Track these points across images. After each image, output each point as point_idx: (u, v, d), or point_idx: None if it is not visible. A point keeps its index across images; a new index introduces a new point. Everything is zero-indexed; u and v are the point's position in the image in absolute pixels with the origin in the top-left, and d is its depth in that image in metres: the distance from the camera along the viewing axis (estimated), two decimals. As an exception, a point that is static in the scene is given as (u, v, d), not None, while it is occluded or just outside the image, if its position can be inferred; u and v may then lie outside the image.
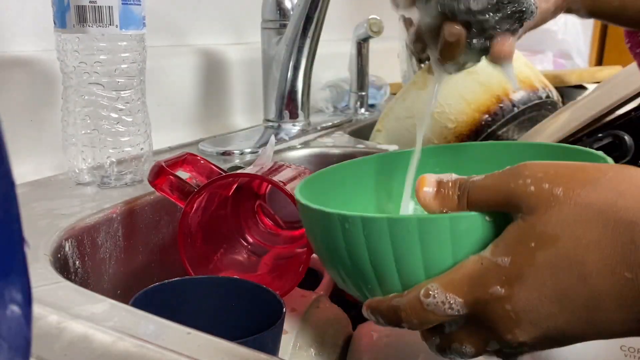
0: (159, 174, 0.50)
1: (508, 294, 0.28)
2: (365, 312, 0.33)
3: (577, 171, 0.28)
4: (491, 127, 0.77)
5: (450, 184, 0.31)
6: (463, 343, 0.31)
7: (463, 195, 0.30)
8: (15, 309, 0.17)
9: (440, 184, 0.31)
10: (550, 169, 0.28)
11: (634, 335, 0.28)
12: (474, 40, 0.42)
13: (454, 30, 0.42)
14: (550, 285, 0.27)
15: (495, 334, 0.30)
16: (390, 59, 1.14)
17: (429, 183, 0.31)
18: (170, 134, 0.77)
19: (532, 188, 0.28)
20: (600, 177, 0.27)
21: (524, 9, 0.41)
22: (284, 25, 0.80)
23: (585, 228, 0.26)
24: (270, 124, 0.84)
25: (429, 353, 0.47)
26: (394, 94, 1.00)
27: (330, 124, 0.92)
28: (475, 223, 0.29)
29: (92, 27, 0.52)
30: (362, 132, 0.95)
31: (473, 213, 0.29)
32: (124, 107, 0.56)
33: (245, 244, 0.58)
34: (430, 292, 0.29)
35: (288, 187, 0.48)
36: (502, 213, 0.29)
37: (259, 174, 0.50)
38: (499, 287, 0.28)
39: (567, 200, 0.27)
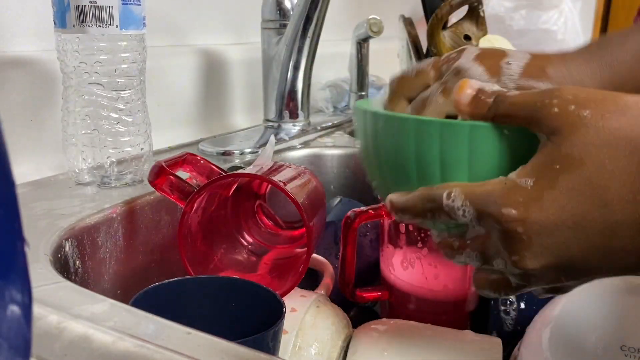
0: (159, 174, 0.50)
1: (522, 216, 0.27)
2: (389, 203, 0.33)
3: (608, 96, 0.28)
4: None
5: (488, 93, 0.31)
6: (473, 249, 0.31)
7: (494, 107, 0.30)
8: (15, 309, 0.17)
9: (479, 90, 0.31)
10: (582, 93, 0.28)
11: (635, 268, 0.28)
12: None
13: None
14: (569, 209, 0.27)
15: (503, 253, 0.29)
16: (390, 59, 1.14)
17: (471, 86, 0.31)
18: (170, 134, 0.77)
19: (556, 109, 0.28)
20: (631, 105, 0.27)
21: None
22: (284, 25, 0.80)
23: (612, 154, 0.26)
24: (270, 124, 0.84)
25: (430, 353, 0.47)
26: (394, 94, 1.00)
27: (330, 124, 0.92)
28: (491, 134, 0.30)
29: (92, 27, 0.52)
30: (362, 132, 0.95)
31: (489, 124, 0.30)
32: (124, 107, 0.56)
33: (245, 244, 0.58)
34: (452, 195, 0.30)
35: (288, 187, 0.48)
36: (525, 130, 0.29)
37: (259, 174, 0.50)
38: (512, 209, 0.28)
39: (594, 123, 0.27)
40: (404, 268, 0.55)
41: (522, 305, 0.54)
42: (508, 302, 0.55)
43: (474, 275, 0.34)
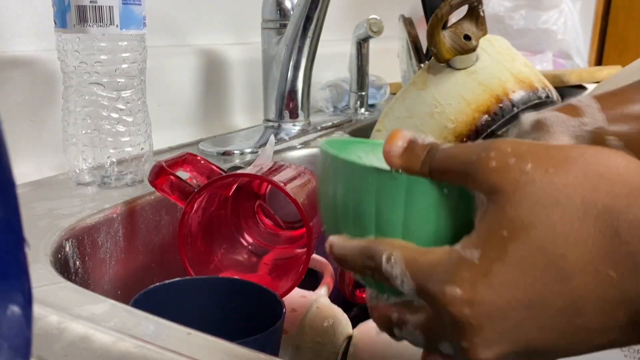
0: (159, 174, 0.50)
1: (469, 297, 0.24)
2: (328, 246, 0.30)
3: (552, 148, 0.24)
4: (491, 127, 0.77)
5: (421, 146, 0.27)
6: (415, 327, 0.27)
7: (428, 160, 0.27)
8: (15, 309, 0.17)
9: (411, 142, 0.27)
10: (522, 145, 0.25)
11: (614, 347, 0.24)
12: None
13: None
14: (523, 285, 0.23)
15: (450, 337, 0.25)
16: (390, 59, 1.14)
17: (402, 137, 0.28)
18: (170, 134, 0.77)
19: (494, 163, 0.24)
20: (577, 157, 0.24)
21: None
22: (284, 25, 0.80)
23: (563, 216, 0.23)
24: (271, 124, 0.84)
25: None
26: (394, 94, 1.00)
27: (330, 124, 0.92)
28: (429, 191, 0.27)
29: (92, 27, 0.52)
30: (362, 132, 0.95)
31: (427, 180, 0.27)
32: (124, 107, 0.56)
33: (245, 244, 0.58)
34: (391, 260, 0.26)
35: (288, 187, 0.48)
36: (465, 190, 0.26)
37: (259, 174, 0.50)
38: (457, 287, 0.24)
39: (539, 179, 0.23)
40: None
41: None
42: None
43: (422, 356, 0.29)
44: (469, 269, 0.24)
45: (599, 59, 2.17)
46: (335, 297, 0.55)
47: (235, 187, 0.57)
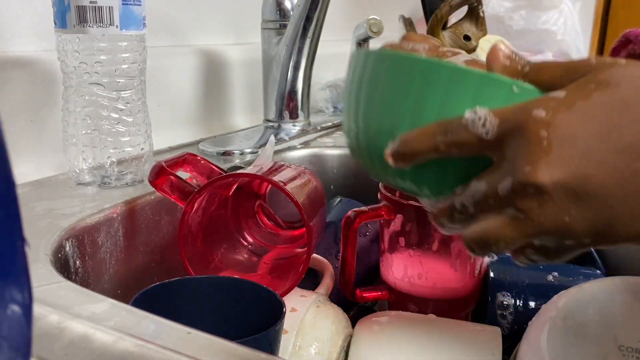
0: (159, 174, 0.50)
1: (549, 119, 0.26)
2: (399, 142, 0.30)
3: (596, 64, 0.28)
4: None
5: (523, 60, 0.31)
6: (478, 200, 0.29)
7: (525, 64, 0.30)
8: (15, 308, 0.17)
9: (514, 53, 0.31)
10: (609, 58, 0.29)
11: None
12: None
13: None
14: (599, 120, 0.26)
15: (513, 166, 0.27)
16: (390, 59, 1.14)
17: (507, 46, 0.31)
18: (170, 134, 0.77)
19: (593, 60, 0.28)
20: (608, 78, 0.27)
21: None
22: (284, 26, 0.80)
23: (595, 131, 0.26)
24: (271, 124, 0.84)
25: (431, 344, 0.47)
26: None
27: (330, 124, 0.92)
28: (499, 88, 0.29)
29: (92, 27, 0.52)
30: (362, 132, 0.95)
31: (497, 77, 0.30)
32: (124, 107, 0.56)
33: (245, 244, 0.58)
34: (476, 111, 0.28)
35: (288, 187, 0.48)
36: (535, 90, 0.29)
37: (259, 174, 0.50)
38: (543, 110, 0.27)
39: (630, 63, 0.27)
40: (404, 268, 0.55)
41: (519, 306, 0.54)
42: (505, 304, 0.55)
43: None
44: (555, 100, 0.27)
45: (599, 59, 2.16)
46: (335, 297, 0.55)
47: (235, 187, 0.57)
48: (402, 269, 0.56)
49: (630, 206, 0.26)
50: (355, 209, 0.54)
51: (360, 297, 0.56)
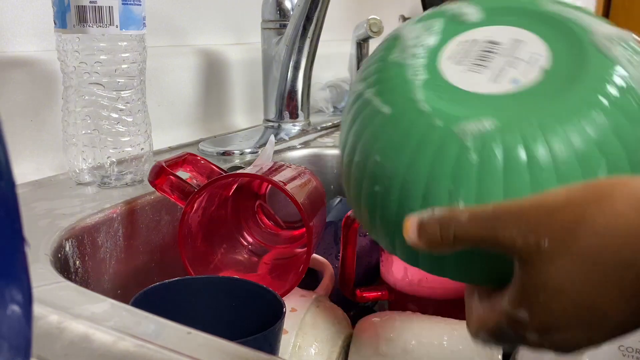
0: (159, 174, 0.50)
1: (541, 341, 0.28)
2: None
3: (556, 213, 0.26)
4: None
5: (432, 223, 0.28)
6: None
7: (447, 236, 0.28)
8: (15, 308, 0.17)
9: (421, 225, 0.29)
10: (533, 218, 0.26)
11: None
12: None
13: None
14: (579, 330, 0.27)
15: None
16: (390, 59, 1.14)
17: (412, 224, 0.29)
18: (170, 134, 0.77)
19: (520, 241, 0.26)
20: (580, 220, 0.25)
21: None
22: (284, 26, 0.80)
23: (586, 276, 0.26)
24: (270, 124, 0.84)
25: (431, 343, 0.47)
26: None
27: (330, 124, 0.92)
28: None
29: (92, 27, 0.52)
30: (362, 132, 0.95)
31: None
32: (124, 107, 0.56)
33: (245, 244, 0.58)
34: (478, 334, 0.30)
35: (288, 187, 0.48)
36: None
37: (259, 174, 0.50)
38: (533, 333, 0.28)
39: (558, 253, 0.26)
40: (404, 268, 0.55)
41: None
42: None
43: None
44: (527, 328, 0.27)
45: (599, 59, 2.16)
46: (335, 297, 0.55)
47: (235, 187, 0.57)
48: (402, 269, 0.56)
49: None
50: (355, 209, 0.54)
51: (360, 297, 0.56)
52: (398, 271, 0.56)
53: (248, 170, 0.54)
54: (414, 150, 0.29)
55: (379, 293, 0.57)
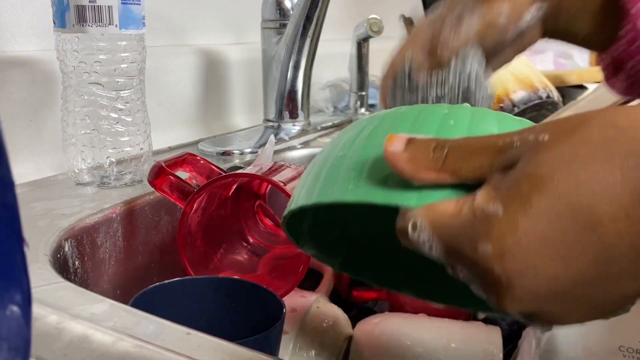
0: (158, 174, 0.50)
1: (499, 253, 0.23)
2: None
3: (563, 120, 0.24)
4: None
5: (424, 142, 0.26)
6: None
7: (439, 158, 0.26)
8: (15, 309, 0.17)
9: (410, 140, 0.26)
10: (537, 126, 0.25)
11: None
12: None
13: None
14: (552, 239, 0.22)
15: (479, 289, 0.25)
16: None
17: (400, 138, 0.26)
18: (170, 134, 0.77)
19: (515, 137, 0.24)
20: (594, 115, 0.24)
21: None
22: (284, 25, 0.80)
23: (585, 165, 0.22)
24: (270, 124, 0.84)
25: (431, 342, 0.47)
26: (394, 94, 1.00)
27: (330, 124, 0.92)
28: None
29: (91, 27, 0.52)
30: (362, 132, 0.95)
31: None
32: (123, 107, 0.56)
33: (245, 244, 0.58)
34: (417, 224, 0.25)
35: (288, 187, 0.48)
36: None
37: (258, 174, 0.50)
38: (488, 244, 0.23)
39: (556, 142, 0.23)
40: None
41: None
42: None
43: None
44: (496, 224, 0.23)
45: (599, 59, 2.16)
46: (335, 297, 0.55)
47: (235, 187, 0.57)
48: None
49: (611, 298, 0.24)
50: (354, 209, 0.54)
51: (357, 296, 0.56)
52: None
53: (248, 170, 0.54)
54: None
55: (376, 293, 0.57)
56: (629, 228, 0.22)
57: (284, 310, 0.39)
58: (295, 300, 0.49)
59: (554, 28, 0.44)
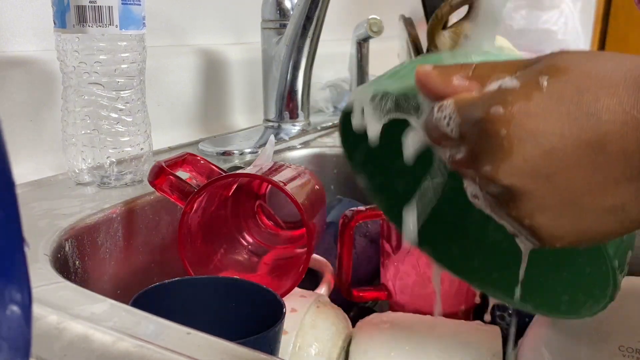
0: (159, 174, 0.50)
1: (508, 116, 0.26)
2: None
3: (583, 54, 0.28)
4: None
5: (453, 68, 0.29)
6: (456, 166, 0.29)
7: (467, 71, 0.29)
8: (15, 309, 0.17)
9: (439, 67, 0.30)
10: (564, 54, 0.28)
11: (623, 212, 0.26)
12: None
13: None
14: (557, 114, 0.25)
15: (476, 163, 0.27)
16: (390, 59, 1.14)
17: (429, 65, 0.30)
18: (170, 134, 0.77)
19: (540, 58, 0.28)
20: (603, 53, 0.27)
21: None
22: (284, 25, 0.80)
23: (598, 66, 0.26)
24: (270, 124, 0.84)
25: (431, 343, 0.47)
26: (394, 94, 1.00)
27: (330, 124, 0.92)
28: None
29: (92, 27, 0.52)
30: (362, 132, 0.95)
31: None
32: (123, 107, 0.56)
33: (245, 244, 0.58)
34: (443, 105, 0.28)
35: (288, 187, 0.48)
36: None
37: (259, 174, 0.50)
38: (501, 107, 0.26)
39: (575, 51, 0.27)
40: (403, 267, 0.55)
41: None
42: (505, 304, 0.55)
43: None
44: (511, 93, 0.26)
45: (599, 59, 2.16)
46: (335, 297, 0.55)
47: (235, 187, 0.57)
48: (400, 269, 0.56)
49: (597, 202, 0.26)
50: (352, 208, 0.54)
51: (357, 296, 0.56)
52: (396, 271, 0.56)
53: (248, 170, 0.54)
54: None
55: (377, 293, 0.57)
56: (623, 122, 0.24)
57: (284, 310, 0.39)
58: (295, 300, 0.49)
59: None
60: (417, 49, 0.92)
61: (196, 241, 0.51)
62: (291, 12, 0.80)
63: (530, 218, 0.27)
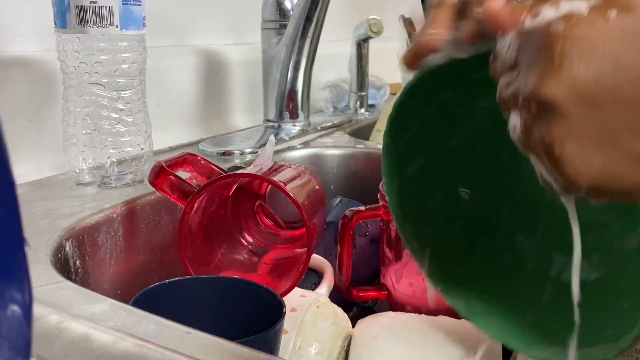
0: (159, 174, 0.50)
1: (566, 34, 0.25)
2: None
3: None
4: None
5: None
6: (506, 94, 0.29)
7: None
8: (15, 308, 0.17)
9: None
10: None
11: None
12: None
13: None
14: (616, 46, 0.25)
15: (524, 78, 0.27)
16: (390, 59, 1.14)
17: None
18: (170, 134, 0.77)
19: None
20: None
21: None
22: (284, 26, 0.80)
23: None
24: (270, 124, 0.84)
25: (431, 342, 0.47)
26: (394, 94, 1.00)
27: (330, 124, 0.92)
28: None
29: (92, 27, 0.52)
30: (362, 132, 0.95)
31: None
32: (124, 107, 0.56)
33: (245, 244, 0.58)
34: (505, 34, 0.28)
35: (288, 187, 0.48)
36: None
37: (259, 174, 0.50)
38: (562, 24, 0.25)
39: None
40: (402, 268, 0.55)
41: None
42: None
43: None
44: (577, 17, 0.26)
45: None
46: (335, 297, 0.55)
47: (235, 187, 0.57)
48: (400, 268, 0.56)
49: (633, 145, 0.25)
50: (352, 208, 0.54)
51: (357, 296, 0.56)
52: (396, 270, 0.56)
53: (248, 170, 0.54)
54: None
55: (376, 293, 0.57)
56: None
57: (284, 310, 0.39)
58: (295, 300, 0.49)
59: None
60: (417, 49, 0.92)
61: (196, 241, 0.51)
62: (291, 13, 0.80)
63: (561, 145, 0.26)
